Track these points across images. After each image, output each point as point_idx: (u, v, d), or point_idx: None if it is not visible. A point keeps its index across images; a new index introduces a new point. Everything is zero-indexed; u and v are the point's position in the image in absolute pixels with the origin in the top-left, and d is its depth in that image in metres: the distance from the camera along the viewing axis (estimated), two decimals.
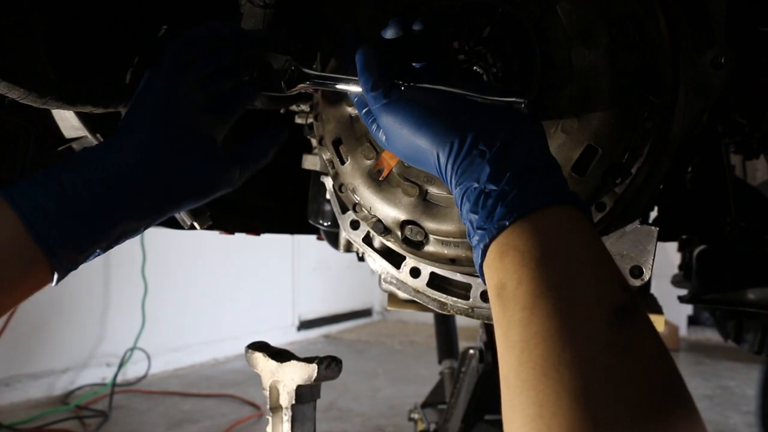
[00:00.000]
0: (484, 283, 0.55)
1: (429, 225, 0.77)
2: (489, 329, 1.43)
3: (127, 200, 0.63)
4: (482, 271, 0.55)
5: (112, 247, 0.66)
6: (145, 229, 0.68)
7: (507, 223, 0.52)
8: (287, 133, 0.79)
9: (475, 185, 0.55)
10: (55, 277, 0.61)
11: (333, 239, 1.30)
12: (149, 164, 0.64)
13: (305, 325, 5.44)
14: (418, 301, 0.87)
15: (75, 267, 0.63)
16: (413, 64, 0.67)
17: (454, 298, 0.83)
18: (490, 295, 0.53)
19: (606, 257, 0.51)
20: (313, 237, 1.59)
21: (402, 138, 0.62)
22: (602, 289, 0.47)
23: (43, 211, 0.59)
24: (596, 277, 0.48)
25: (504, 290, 0.50)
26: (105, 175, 0.62)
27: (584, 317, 0.45)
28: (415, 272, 0.84)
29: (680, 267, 1.93)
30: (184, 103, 0.67)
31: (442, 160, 0.59)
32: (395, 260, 0.85)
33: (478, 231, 0.54)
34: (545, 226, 0.51)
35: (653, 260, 0.76)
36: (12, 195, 0.59)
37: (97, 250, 0.64)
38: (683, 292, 1.62)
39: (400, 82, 0.64)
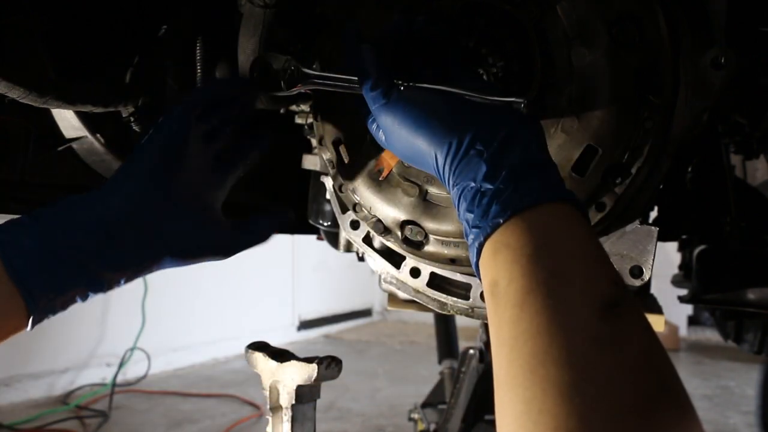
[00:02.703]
0: (481, 282, 0.55)
1: (429, 225, 0.77)
2: (489, 329, 1.43)
3: (109, 250, 0.61)
4: (478, 269, 0.55)
5: (90, 296, 0.63)
6: (127, 281, 0.66)
7: (501, 221, 0.52)
8: (291, 217, 0.78)
9: (472, 184, 0.55)
10: (30, 320, 0.59)
11: (333, 239, 1.30)
12: (136, 217, 0.62)
13: (305, 325, 5.44)
14: (418, 301, 0.87)
15: (52, 312, 0.61)
16: (413, 63, 0.67)
17: (454, 298, 0.83)
18: (485, 293, 0.53)
19: (599, 253, 0.51)
20: (313, 237, 1.58)
21: (401, 138, 0.62)
22: (592, 284, 0.47)
23: (22, 250, 0.58)
24: (586, 272, 0.48)
25: (496, 288, 0.50)
26: (88, 221, 0.61)
27: (572, 313, 0.44)
28: (415, 272, 0.84)
29: (680, 267, 1.93)
30: (186, 161, 0.66)
31: (440, 160, 0.59)
32: (395, 260, 0.85)
33: (473, 230, 0.54)
34: (539, 223, 0.51)
35: (653, 260, 0.76)
36: None
37: (76, 298, 0.62)
38: (683, 292, 1.62)
39: (400, 82, 0.64)
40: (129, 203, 0.62)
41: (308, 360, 0.79)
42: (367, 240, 0.87)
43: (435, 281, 0.84)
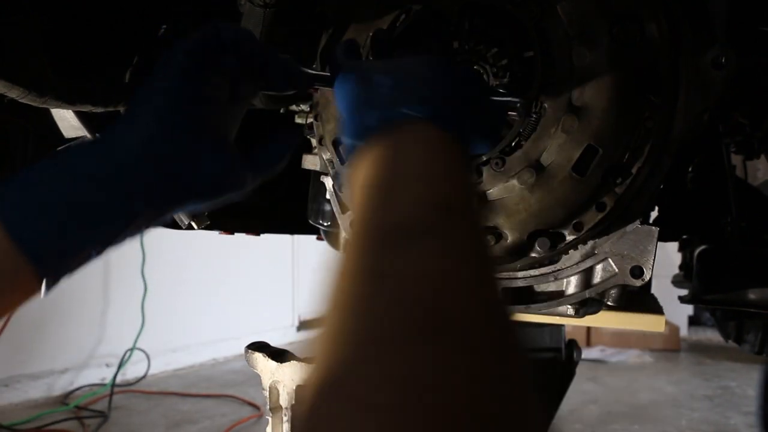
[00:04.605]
0: None
1: None
2: None
3: (123, 197, 0.57)
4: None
5: (107, 250, 0.59)
6: (145, 229, 0.62)
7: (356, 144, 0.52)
8: (299, 138, 0.77)
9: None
10: (44, 284, 0.56)
11: (333, 239, 1.30)
12: (151, 158, 0.58)
13: (305, 325, 5.44)
14: None
15: (68, 272, 0.57)
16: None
17: None
18: None
19: (432, 171, 0.46)
20: (313, 237, 1.58)
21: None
22: (394, 208, 0.42)
23: (24, 211, 0.53)
24: (398, 195, 0.43)
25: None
26: (95, 169, 0.56)
27: (363, 243, 0.40)
28: None
29: (681, 267, 1.93)
30: (197, 98, 0.62)
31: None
32: None
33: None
34: (384, 144, 0.50)
35: (654, 260, 0.76)
36: None
37: (92, 252, 0.58)
38: (684, 292, 1.62)
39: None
40: (142, 144, 0.58)
41: (308, 360, 0.79)
42: None
43: None
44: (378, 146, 0.50)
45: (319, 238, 1.50)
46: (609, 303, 0.80)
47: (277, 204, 1.47)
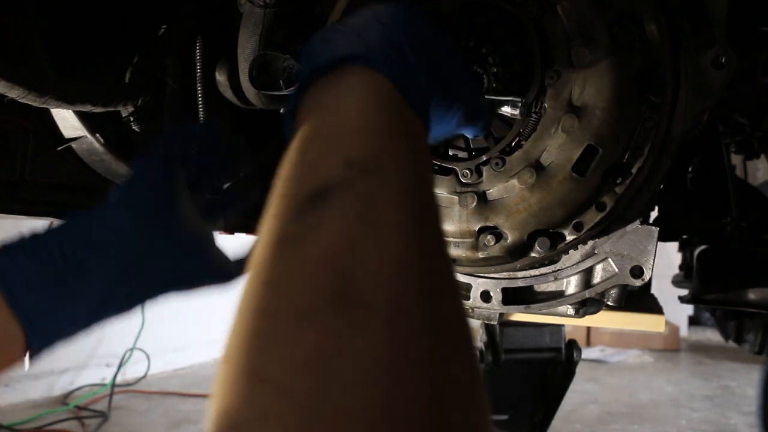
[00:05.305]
0: None
1: None
2: (489, 329, 1.43)
3: (105, 274, 0.59)
4: None
5: (90, 328, 0.62)
6: (128, 311, 0.64)
7: (297, 92, 0.47)
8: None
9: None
10: (27, 354, 0.56)
11: None
12: (131, 255, 0.60)
13: None
14: None
15: (49, 344, 0.57)
16: None
17: None
18: None
19: (357, 124, 0.41)
20: None
21: None
22: (314, 169, 0.38)
23: (23, 275, 0.54)
24: (319, 154, 0.39)
25: None
26: (81, 244, 0.58)
27: (278, 208, 0.37)
28: None
29: (681, 267, 1.93)
30: (176, 209, 0.63)
31: None
32: None
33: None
34: (320, 92, 0.45)
35: (654, 260, 0.76)
36: None
37: (79, 332, 0.60)
38: (684, 292, 1.62)
39: None
40: (132, 220, 0.60)
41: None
42: None
43: None
44: (308, 102, 0.45)
45: None
46: (609, 303, 0.80)
47: None
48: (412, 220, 0.36)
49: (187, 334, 4.17)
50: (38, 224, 0.60)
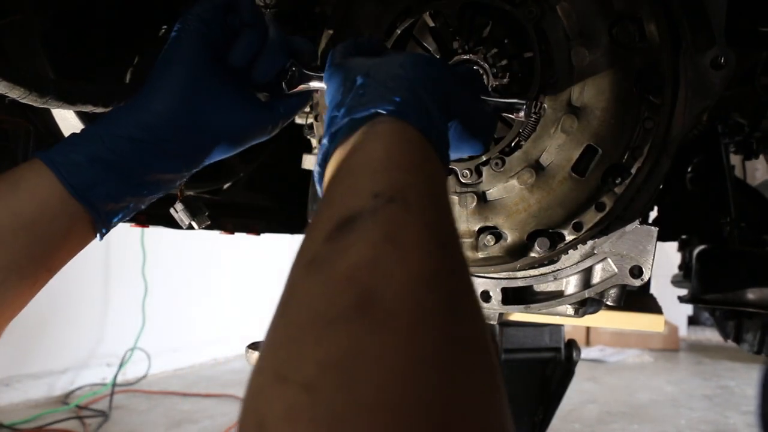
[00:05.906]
0: None
1: None
2: (489, 329, 1.43)
3: (157, 155, 0.64)
4: None
5: (149, 199, 0.67)
6: (180, 180, 0.69)
7: (330, 145, 0.53)
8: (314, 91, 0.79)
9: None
10: (98, 233, 0.63)
11: None
12: (181, 110, 0.65)
13: None
14: None
15: (116, 218, 0.65)
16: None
17: None
18: None
19: (383, 165, 0.45)
20: None
21: None
22: (344, 200, 0.42)
23: (76, 165, 0.61)
24: (348, 188, 0.44)
25: None
26: (133, 126, 0.63)
27: (310, 236, 0.41)
28: None
29: (680, 267, 1.93)
30: (217, 56, 0.67)
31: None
32: None
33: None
34: (354, 140, 0.51)
35: (653, 260, 0.76)
36: (47, 154, 0.61)
37: (140, 205, 0.66)
38: (683, 292, 1.62)
39: None
40: (170, 105, 0.64)
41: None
42: None
43: None
44: (342, 147, 0.51)
45: None
46: (608, 303, 0.80)
47: (278, 204, 1.47)
48: (435, 244, 0.39)
49: (188, 334, 4.17)
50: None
